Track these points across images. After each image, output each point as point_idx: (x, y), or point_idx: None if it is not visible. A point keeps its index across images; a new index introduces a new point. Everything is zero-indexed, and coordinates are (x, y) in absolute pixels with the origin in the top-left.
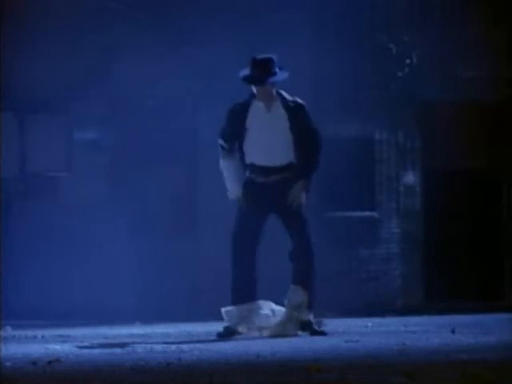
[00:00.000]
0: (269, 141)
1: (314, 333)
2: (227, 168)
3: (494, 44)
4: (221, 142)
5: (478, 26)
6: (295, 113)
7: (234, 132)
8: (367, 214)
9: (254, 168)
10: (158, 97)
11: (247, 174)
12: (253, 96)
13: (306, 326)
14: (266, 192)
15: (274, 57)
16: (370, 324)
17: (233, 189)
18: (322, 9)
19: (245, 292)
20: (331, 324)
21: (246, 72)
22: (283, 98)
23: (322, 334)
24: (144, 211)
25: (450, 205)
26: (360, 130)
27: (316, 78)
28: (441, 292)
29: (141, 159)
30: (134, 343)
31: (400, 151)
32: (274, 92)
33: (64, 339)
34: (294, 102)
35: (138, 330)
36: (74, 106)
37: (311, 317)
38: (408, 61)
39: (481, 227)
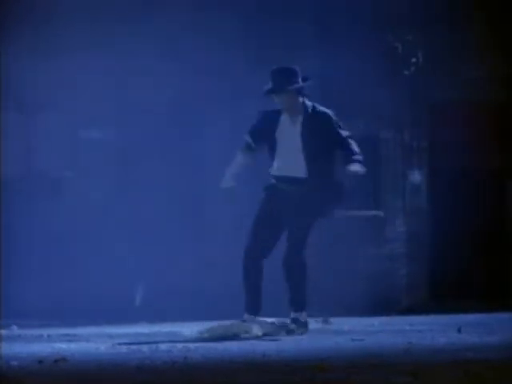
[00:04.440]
0: (293, 154)
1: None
2: (240, 162)
3: (500, 43)
4: (247, 138)
5: (484, 25)
6: (320, 124)
7: (264, 139)
8: (373, 212)
9: (277, 178)
10: (164, 96)
11: (272, 181)
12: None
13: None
14: (286, 200)
15: (295, 67)
16: (375, 323)
17: (230, 180)
18: (327, 8)
19: (256, 298)
20: (336, 323)
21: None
22: (307, 109)
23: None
24: (150, 211)
25: (455, 204)
26: (366, 129)
27: (321, 77)
28: (447, 291)
29: (147, 159)
30: (139, 342)
31: (406, 150)
32: (299, 102)
33: (70, 338)
34: (320, 111)
35: (143, 329)
36: (79, 104)
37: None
38: (414, 60)
39: (487, 226)
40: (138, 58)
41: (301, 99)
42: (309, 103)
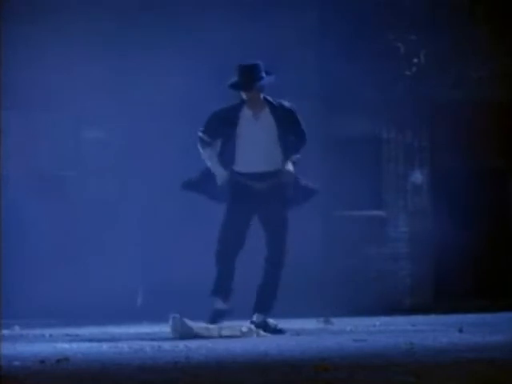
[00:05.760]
0: (257, 150)
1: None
2: (210, 157)
3: (501, 43)
4: (201, 135)
5: (485, 25)
6: (284, 119)
7: (223, 136)
8: (375, 212)
9: (242, 174)
10: (166, 94)
11: (236, 178)
12: (242, 103)
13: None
14: (254, 196)
15: (260, 62)
16: (377, 323)
17: (222, 174)
18: (329, 7)
19: (225, 288)
20: (338, 323)
21: (233, 80)
22: (271, 105)
23: (281, 332)
24: (152, 210)
25: (457, 203)
26: (368, 129)
27: (323, 77)
28: (449, 291)
29: (149, 158)
30: (141, 342)
31: (408, 150)
32: (261, 98)
33: (72, 338)
34: (282, 107)
35: (145, 328)
36: (81, 103)
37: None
38: (416, 60)
39: (489, 226)
40: (139, 56)
41: (262, 94)
42: (269, 97)
